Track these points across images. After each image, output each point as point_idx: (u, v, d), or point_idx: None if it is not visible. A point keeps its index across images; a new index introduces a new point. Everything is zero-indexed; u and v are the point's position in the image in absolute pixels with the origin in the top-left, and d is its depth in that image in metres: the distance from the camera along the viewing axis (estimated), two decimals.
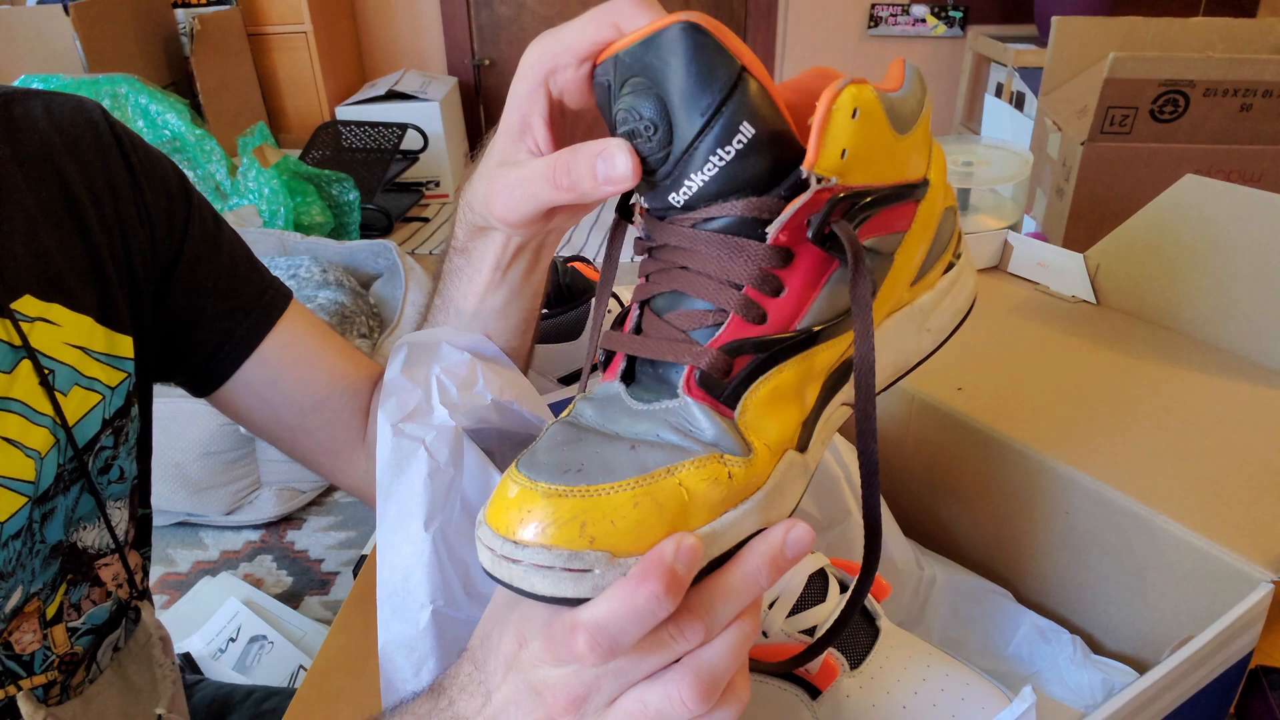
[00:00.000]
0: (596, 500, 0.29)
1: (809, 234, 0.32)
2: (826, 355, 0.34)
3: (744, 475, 0.31)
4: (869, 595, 0.48)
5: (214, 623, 1.43)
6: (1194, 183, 0.65)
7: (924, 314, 0.40)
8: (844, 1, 3.55)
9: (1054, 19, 1.28)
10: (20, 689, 0.51)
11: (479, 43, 3.68)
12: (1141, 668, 0.50)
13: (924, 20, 3.53)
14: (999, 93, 3.20)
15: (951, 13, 3.51)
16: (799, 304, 0.33)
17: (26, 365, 0.50)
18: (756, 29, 3.64)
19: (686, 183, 0.32)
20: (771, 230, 0.32)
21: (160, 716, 0.60)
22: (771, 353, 0.33)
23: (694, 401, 0.32)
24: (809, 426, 0.35)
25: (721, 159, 0.32)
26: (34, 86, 0.58)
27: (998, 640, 0.54)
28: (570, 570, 0.29)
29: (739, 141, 0.31)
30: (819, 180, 0.32)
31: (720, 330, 0.33)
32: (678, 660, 0.31)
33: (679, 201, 0.33)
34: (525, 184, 0.39)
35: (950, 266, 0.41)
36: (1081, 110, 1.16)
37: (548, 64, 0.38)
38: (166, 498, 1.65)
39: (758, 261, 0.32)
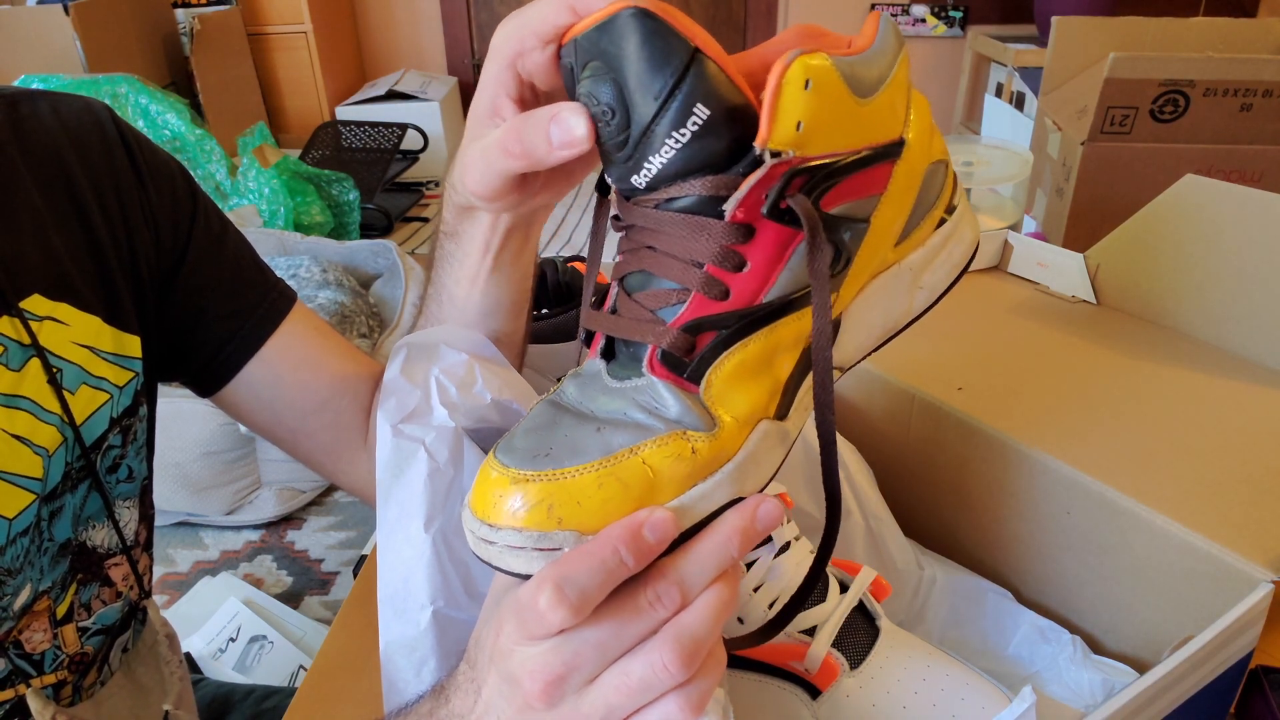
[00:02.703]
0: (562, 483, 0.31)
1: (764, 209, 0.33)
2: (799, 324, 0.35)
3: (709, 449, 0.32)
4: (869, 595, 0.48)
5: (214, 623, 1.43)
6: (1194, 183, 0.65)
7: (914, 272, 0.40)
8: (844, 1, 3.55)
9: (1054, 19, 1.28)
10: (30, 687, 0.51)
11: (479, 43, 3.68)
12: (1141, 668, 0.50)
13: (924, 20, 3.53)
14: (999, 93, 3.20)
15: (951, 13, 3.51)
16: (763, 278, 0.34)
17: (35, 364, 0.50)
18: (756, 29, 3.64)
19: (646, 165, 0.33)
20: (729, 207, 0.32)
21: (168, 713, 0.60)
22: (736, 328, 0.33)
23: (658, 380, 0.33)
24: (788, 394, 0.35)
25: (678, 141, 0.32)
26: (34, 86, 0.58)
27: (998, 640, 0.54)
28: (541, 550, 0.30)
29: (694, 123, 0.32)
30: (774, 155, 0.32)
31: (683, 308, 0.33)
32: (656, 634, 0.32)
33: (641, 183, 0.33)
34: (486, 154, 0.39)
35: (943, 221, 0.40)
36: (1081, 110, 1.16)
37: (514, 46, 0.39)
38: (166, 498, 1.65)
39: (719, 239, 0.33)
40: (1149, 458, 0.51)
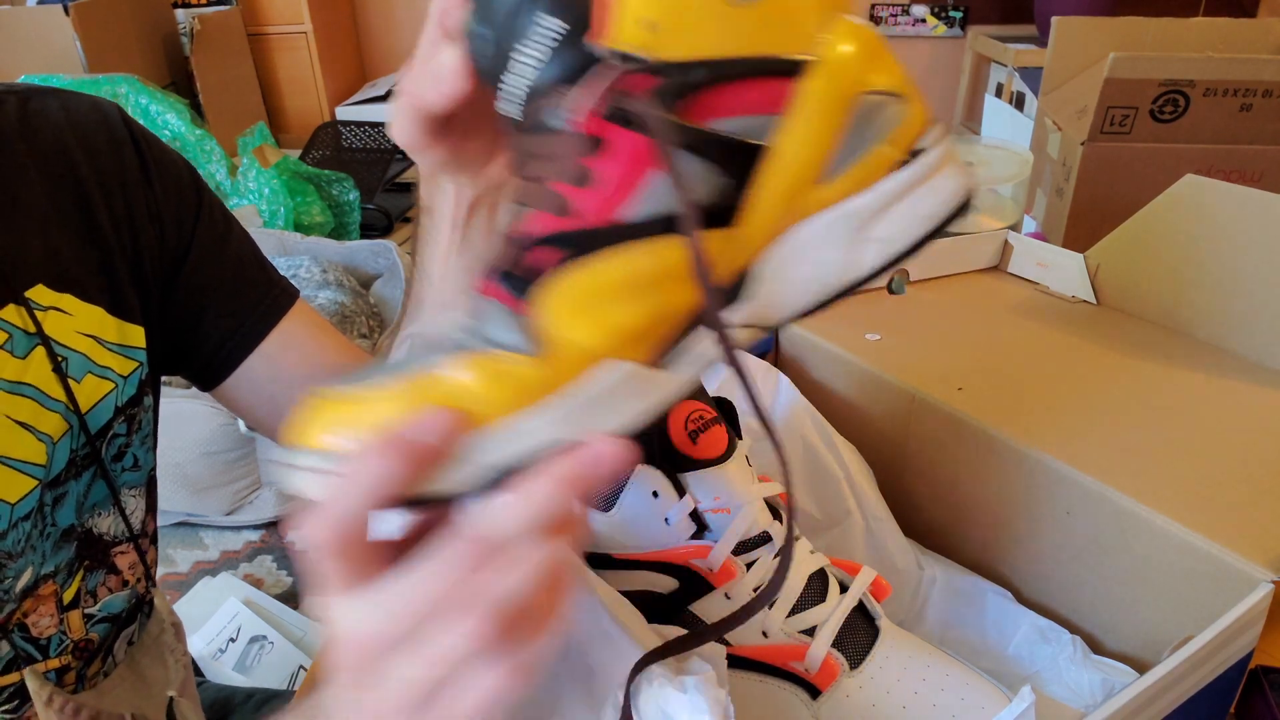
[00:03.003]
0: (365, 404, 0.29)
1: (603, 113, 0.30)
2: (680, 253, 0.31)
3: (535, 375, 0.30)
4: (869, 595, 0.48)
5: (214, 623, 1.43)
6: (1194, 183, 0.65)
7: (861, 218, 0.34)
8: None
9: (1054, 19, 1.28)
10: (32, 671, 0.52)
11: None
12: (1141, 668, 0.50)
13: (924, 20, 3.53)
14: (999, 93, 3.20)
15: (951, 13, 3.51)
16: (614, 192, 0.30)
17: (40, 352, 0.51)
18: None
19: (513, 87, 0.32)
20: (566, 114, 0.30)
21: (172, 700, 0.61)
22: (579, 246, 0.31)
23: (486, 298, 0.31)
24: (670, 340, 0.32)
25: (533, 56, 0.31)
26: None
27: (998, 640, 0.54)
28: (334, 472, 0.29)
29: (545, 35, 0.30)
30: (624, 57, 0.29)
31: (521, 223, 0.31)
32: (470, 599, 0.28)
33: (514, 110, 0.32)
34: (398, 102, 0.40)
35: (905, 165, 0.35)
36: (1081, 110, 1.15)
37: (439, 6, 0.39)
38: (166, 498, 1.65)
39: (564, 152, 0.31)
40: (1149, 458, 0.51)
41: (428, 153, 0.43)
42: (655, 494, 0.44)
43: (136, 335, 0.56)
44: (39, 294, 0.52)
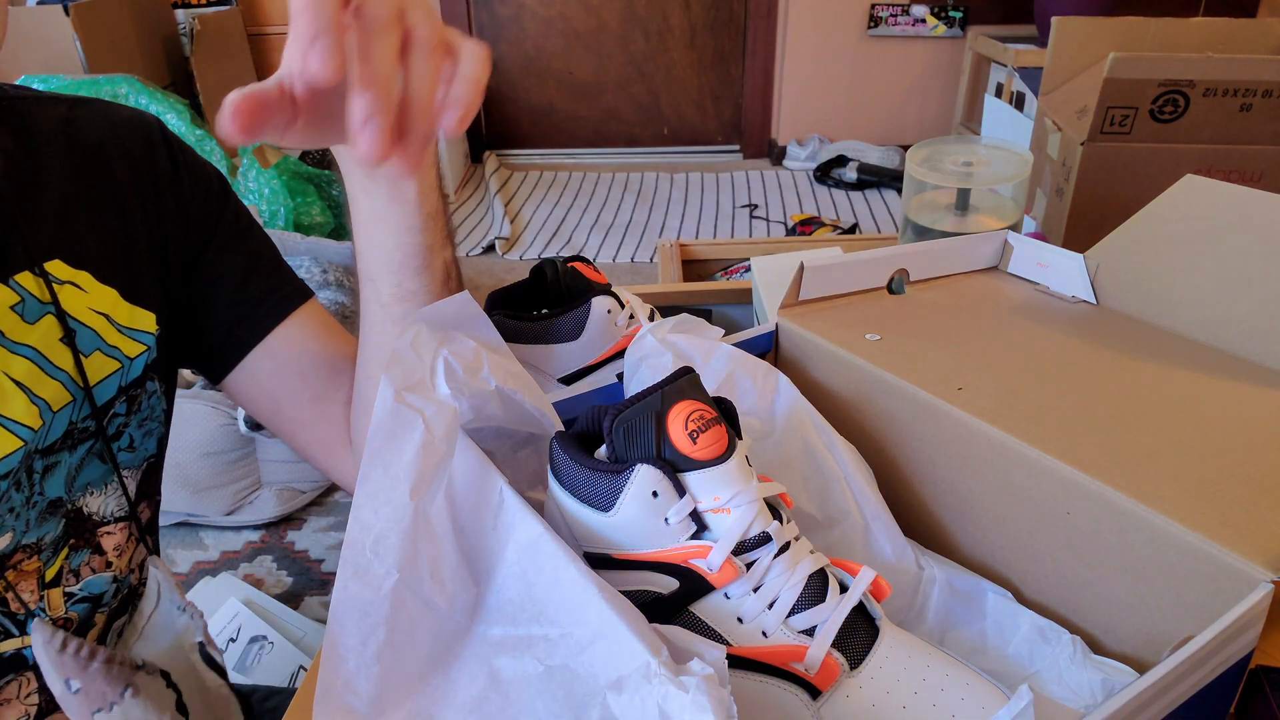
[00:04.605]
0: None
1: None
2: None
3: None
4: (869, 595, 0.48)
5: (214, 623, 1.43)
6: (1194, 183, 0.65)
7: None
8: (844, 1, 3.55)
9: (1054, 19, 1.28)
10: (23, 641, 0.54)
11: None
12: (1141, 668, 0.50)
13: (924, 20, 3.53)
14: (999, 93, 3.20)
15: (951, 13, 3.51)
16: None
17: (50, 320, 0.54)
18: (756, 29, 3.64)
19: None
20: None
21: (202, 644, 0.63)
22: None
23: None
24: None
25: None
26: (33, 87, 0.61)
27: (998, 640, 0.54)
28: None
29: None
30: None
31: None
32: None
33: None
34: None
35: None
36: (1081, 110, 1.15)
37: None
38: (167, 498, 1.65)
39: None
40: (1149, 458, 0.51)
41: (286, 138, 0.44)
42: (655, 494, 0.44)
43: (147, 320, 0.60)
44: (56, 268, 0.55)
